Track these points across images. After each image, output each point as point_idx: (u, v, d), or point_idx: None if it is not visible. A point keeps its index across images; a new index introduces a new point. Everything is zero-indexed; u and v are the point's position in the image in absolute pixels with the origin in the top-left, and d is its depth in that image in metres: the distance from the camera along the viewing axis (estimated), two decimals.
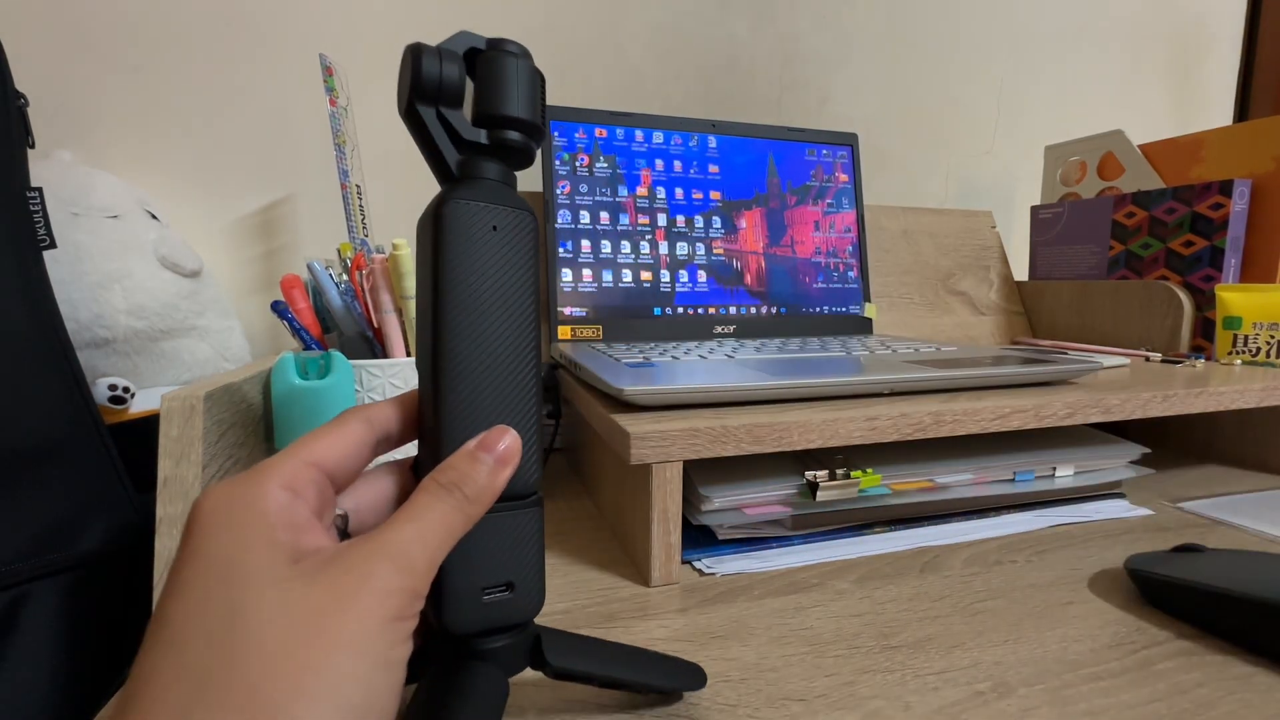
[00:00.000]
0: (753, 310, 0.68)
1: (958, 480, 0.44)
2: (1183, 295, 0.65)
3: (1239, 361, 0.61)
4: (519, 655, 0.22)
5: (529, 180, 0.70)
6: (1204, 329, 0.65)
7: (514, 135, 0.22)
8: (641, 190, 0.65)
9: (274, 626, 0.16)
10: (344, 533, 0.21)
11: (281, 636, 0.16)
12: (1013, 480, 0.46)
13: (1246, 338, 0.60)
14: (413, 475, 0.22)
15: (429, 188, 0.22)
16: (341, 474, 0.20)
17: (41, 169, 0.49)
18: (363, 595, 0.17)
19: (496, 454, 0.20)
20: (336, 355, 0.41)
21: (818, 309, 0.71)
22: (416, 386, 0.23)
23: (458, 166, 0.22)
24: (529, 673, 0.23)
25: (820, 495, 0.40)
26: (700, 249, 0.67)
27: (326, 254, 0.57)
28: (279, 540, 0.17)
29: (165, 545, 0.32)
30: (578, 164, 0.63)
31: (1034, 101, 0.98)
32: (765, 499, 0.40)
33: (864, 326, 0.72)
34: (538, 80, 0.22)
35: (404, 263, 0.45)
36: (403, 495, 0.22)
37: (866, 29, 0.88)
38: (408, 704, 0.21)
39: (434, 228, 0.20)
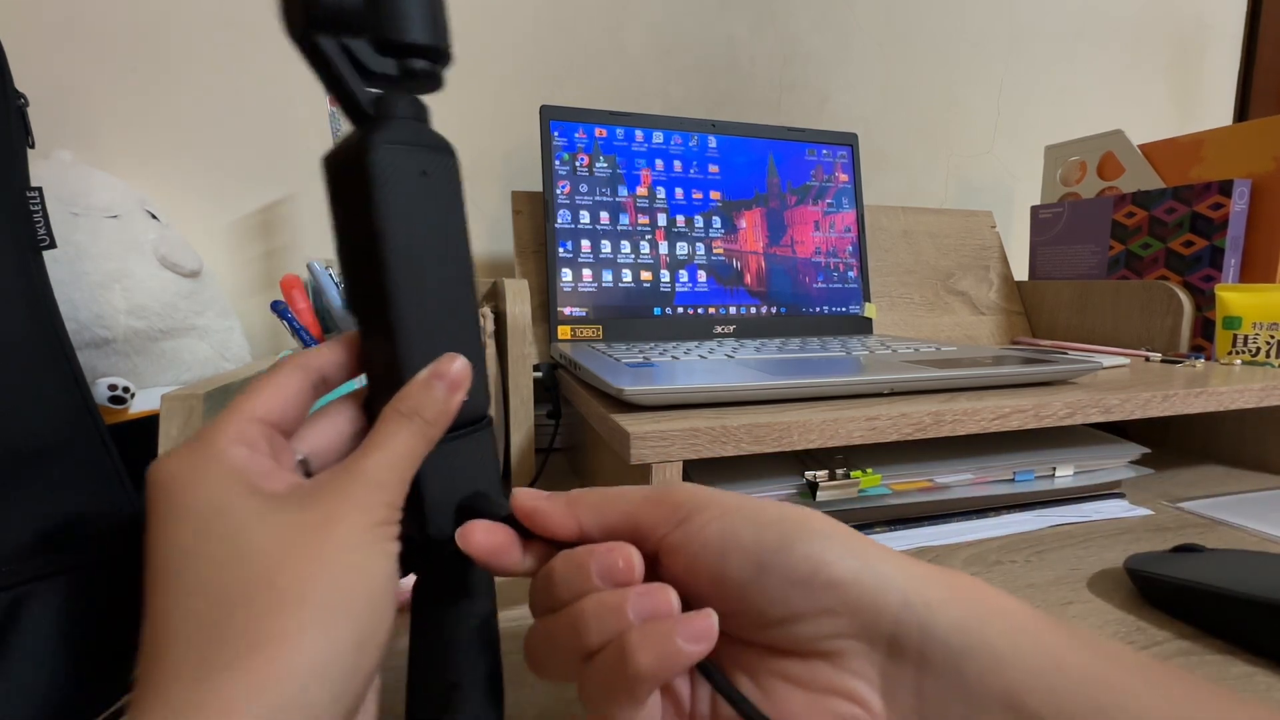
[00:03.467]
0: (753, 310, 0.68)
1: (958, 480, 0.44)
2: (1183, 295, 0.65)
3: (1239, 361, 0.61)
4: None
5: (529, 180, 0.70)
6: (1204, 329, 0.65)
7: (423, 64, 0.21)
8: (641, 190, 0.65)
9: (273, 548, 0.17)
10: (308, 475, 0.21)
11: (281, 553, 0.17)
12: (1013, 480, 0.46)
13: (1246, 338, 0.60)
14: (364, 411, 0.23)
15: None
16: (286, 422, 0.21)
17: (41, 169, 0.49)
18: (347, 510, 0.18)
19: (449, 380, 0.21)
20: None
21: (818, 309, 0.71)
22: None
23: (372, 105, 0.21)
24: (530, 677, 0.23)
25: (820, 495, 0.40)
26: (700, 249, 0.67)
27: (326, 254, 0.57)
28: (255, 486, 0.18)
29: None
30: (578, 164, 0.63)
31: (1034, 101, 0.98)
32: (765, 499, 0.40)
33: (864, 326, 0.72)
34: None
35: None
36: (357, 431, 0.23)
37: (866, 29, 0.88)
38: (415, 600, 0.22)
39: (363, 175, 0.20)
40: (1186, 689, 0.16)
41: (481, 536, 0.21)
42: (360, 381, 0.23)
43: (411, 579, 0.23)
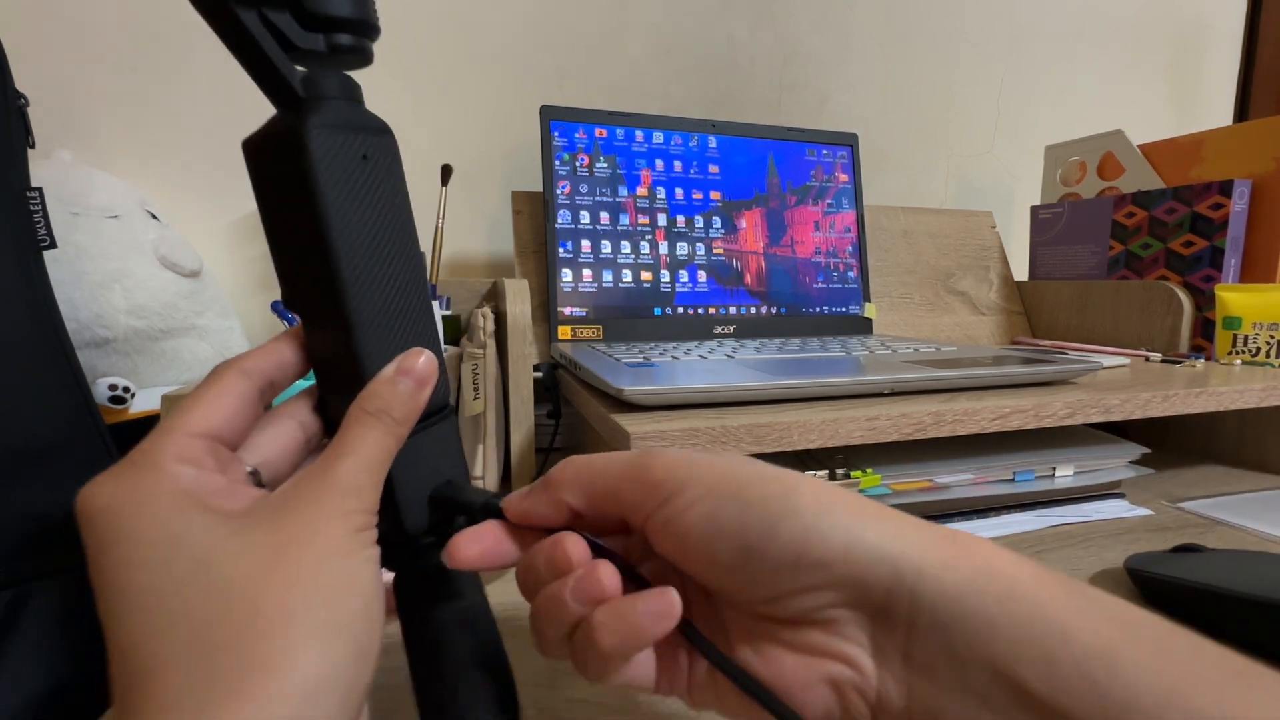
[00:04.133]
0: (753, 310, 0.68)
1: (958, 480, 0.44)
2: (1183, 295, 0.65)
3: (1239, 361, 0.61)
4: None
5: (529, 180, 0.70)
6: (1204, 329, 0.65)
7: (351, 39, 0.20)
8: (641, 190, 0.65)
9: (251, 569, 0.16)
10: (261, 487, 0.21)
11: (261, 575, 0.16)
12: (1013, 480, 0.46)
13: (1246, 338, 0.60)
14: (316, 414, 0.22)
15: (429, 187, 0.22)
16: (231, 434, 0.20)
17: (41, 169, 0.49)
18: (325, 521, 0.18)
19: (416, 375, 0.20)
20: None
21: (818, 309, 0.71)
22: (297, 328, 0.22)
23: (303, 85, 0.19)
24: (530, 675, 0.23)
25: None
26: (700, 249, 0.67)
27: None
28: (210, 505, 0.17)
29: None
30: (578, 164, 0.63)
31: (1034, 101, 0.98)
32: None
33: (864, 326, 0.72)
34: None
35: None
36: (310, 435, 0.22)
37: (866, 29, 0.88)
38: (399, 596, 0.22)
39: (301, 163, 0.19)
40: (1204, 666, 0.15)
41: (468, 548, 0.20)
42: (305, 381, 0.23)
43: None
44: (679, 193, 0.67)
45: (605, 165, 0.64)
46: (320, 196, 0.19)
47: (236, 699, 0.15)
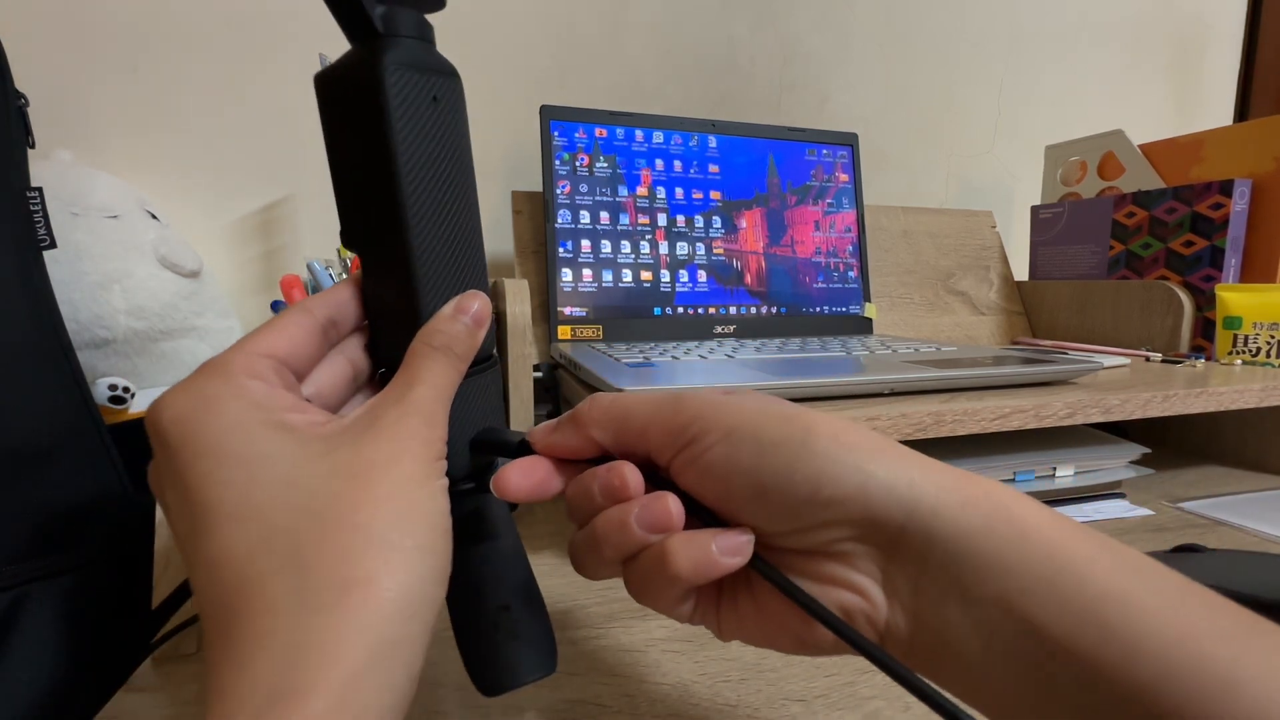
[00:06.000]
0: (753, 310, 0.68)
1: None
2: (1183, 295, 0.65)
3: (1239, 361, 0.61)
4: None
5: (529, 180, 0.70)
6: (1204, 329, 0.65)
7: None
8: (641, 190, 0.65)
9: (337, 489, 0.17)
10: None
11: (347, 494, 0.17)
12: (1013, 480, 0.46)
13: (1246, 338, 0.60)
14: (366, 353, 0.23)
15: None
16: (295, 361, 0.21)
17: (41, 169, 0.49)
18: (409, 445, 0.18)
19: (472, 315, 0.21)
20: None
21: (818, 309, 0.71)
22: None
23: (382, 20, 0.19)
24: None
25: None
26: (700, 249, 0.67)
27: (326, 254, 0.57)
28: (287, 424, 0.18)
29: (165, 545, 0.32)
30: (578, 164, 0.63)
31: (1034, 101, 0.98)
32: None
33: (864, 326, 0.72)
34: None
35: None
36: (357, 372, 0.23)
37: (866, 29, 0.88)
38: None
39: (376, 101, 0.19)
40: (1216, 617, 0.15)
41: (519, 479, 0.21)
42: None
43: None
44: (679, 192, 0.67)
45: (605, 165, 0.64)
46: (391, 133, 0.19)
47: (337, 611, 0.15)
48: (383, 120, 0.19)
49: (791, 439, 0.19)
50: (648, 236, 0.65)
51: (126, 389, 0.47)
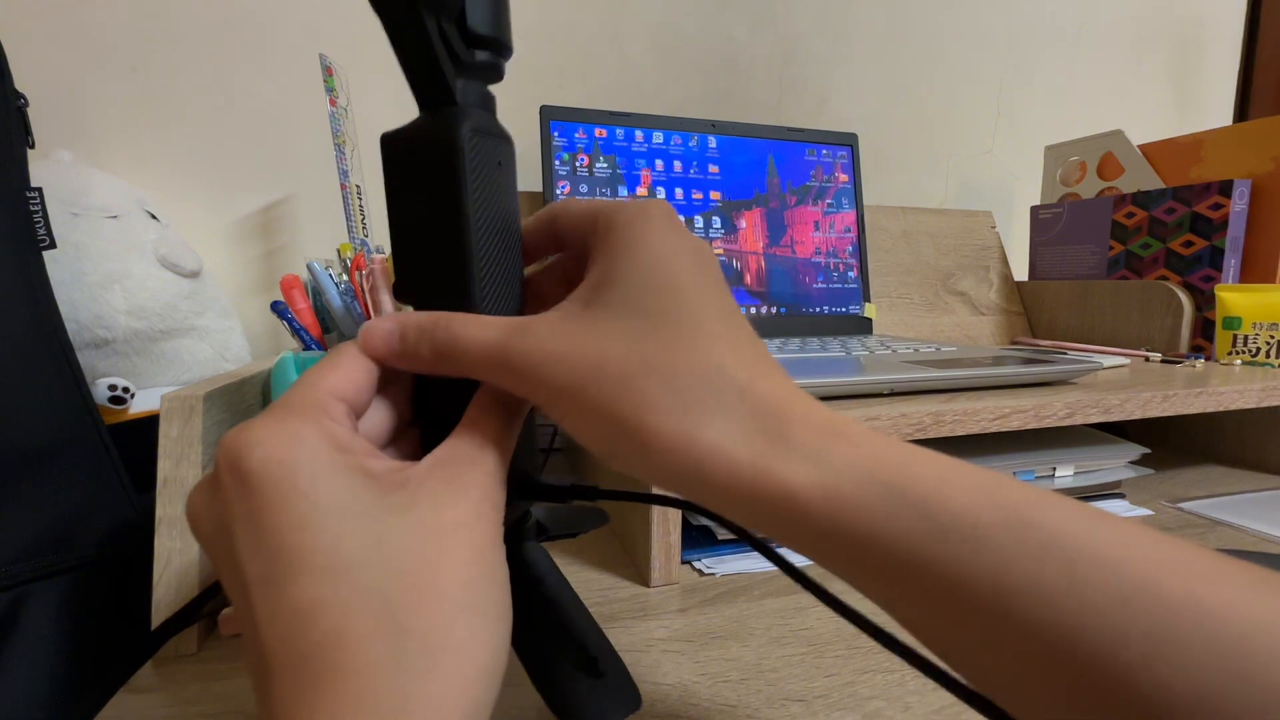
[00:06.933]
0: (753, 310, 0.68)
1: None
2: (1183, 295, 0.65)
3: (1239, 361, 0.61)
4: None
5: (529, 180, 0.70)
6: (1204, 329, 0.65)
7: (494, 57, 0.22)
8: (641, 190, 0.65)
9: (420, 549, 0.16)
10: None
11: (432, 556, 0.16)
12: None
13: (1246, 338, 0.60)
14: (408, 401, 0.23)
15: None
16: (359, 404, 0.20)
17: (41, 169, 0.49)
18: (485, 509, 0.18)
19: None
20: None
21: (818, 309, 0.71)
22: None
23: (461, 92, 0.21)
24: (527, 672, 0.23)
25: None
26: None
27: (326, 254, 0.57)
28: (372, 471, 0.18)
29: (165, 545, 0.32)
30: (578, 164, 0.63)
31: (1034, 101, 0.98)
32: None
33: (864, 326, 0.72)
34: None
35: None
36: (401, 420, 0.22)
37: (866, 29, 0.88)
38: None
39: (452, 163, 0.20)
40: (1220, 571, 0.14)
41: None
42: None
43: None
44: (679, 193, 0.67)
45: (605, 165, 0.64)
46: (465, 194, 0.20)
47: (434, 677, 0.15)
48: (457, 182, 0.20)
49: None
50: None
51: (126, 389, 0.47)
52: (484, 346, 0.19)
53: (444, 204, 0.20)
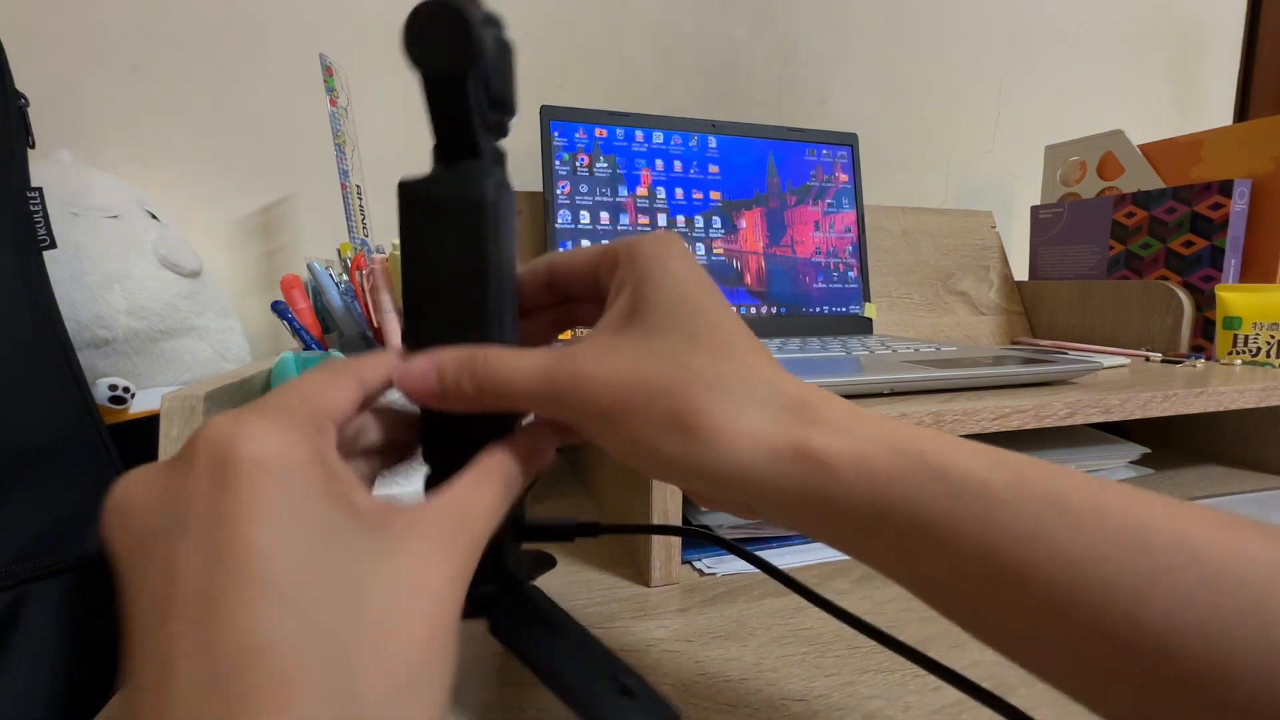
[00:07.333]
0: (753, 310, 0.68)
1: None
2: (1183, 295, 0.65)
3: (1239, 361, 0.61)
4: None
5: (530, 180, 0.70)
6: (1204, 329, 0.65)
7: (507, 118, 0.24)
8: (641, 190, 0.65)
9: (392, 598, 0.15)
10: None
11: (410, 617, 0.15)
12: None
13: (1246, 338, 0.60)
14: (402, 433, 0.22)
15: None
16: (343, 430, 0.19)
17: (41, 169, 0.49)
18: (461, 578, 0.17)
19: (546, 458, 0.22)
20: (336, 355, 0.41)
21: (818, 309, 0.71)
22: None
23: (490, 150, 0.23)
24: (527, 673, 0.23)
25: None
26: (700, 249, 0.67)
27: (326, 254, 0.57)
28: (356, 505, 0.16)
29: None
30: (578, 164, 0.63)
31: (1034, 101, 0.98)
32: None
33: (864, 326, 0.72)
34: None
35: None
36: (393, 447, 0.22)
37: (866, 29, 0.88)
38: (504, 637, 0.23)
39: (481, 212, 0.21)
40: (1205, 516, 0.15)
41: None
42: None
43: None
44: (679, 193, 0.67)
45: (605, 165, 0.64)
46: (487, 243, 0.21)
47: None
48: (481, 230, 0.21)
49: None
50: None
51: (126, 389, 0.47)
52: (528, 377, 0.20)
53: (471, 255, 0.21)
